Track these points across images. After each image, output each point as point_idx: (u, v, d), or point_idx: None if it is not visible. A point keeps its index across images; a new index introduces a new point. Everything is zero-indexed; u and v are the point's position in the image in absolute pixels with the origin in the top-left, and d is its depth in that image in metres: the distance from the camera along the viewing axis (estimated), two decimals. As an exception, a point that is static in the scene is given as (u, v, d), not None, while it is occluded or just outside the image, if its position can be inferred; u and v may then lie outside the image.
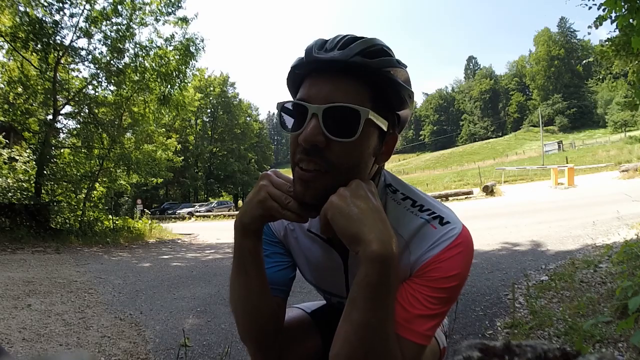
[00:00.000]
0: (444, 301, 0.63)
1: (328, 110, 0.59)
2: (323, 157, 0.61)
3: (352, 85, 0.61)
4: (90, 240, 7.76)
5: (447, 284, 0.62)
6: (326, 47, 0.62)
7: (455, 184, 21.94)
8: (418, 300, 0.62)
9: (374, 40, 0.62)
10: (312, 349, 0.88)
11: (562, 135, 68.31)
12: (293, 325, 0.87)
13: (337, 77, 0.61)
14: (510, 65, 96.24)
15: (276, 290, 0.77)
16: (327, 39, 0.64)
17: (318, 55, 0.61)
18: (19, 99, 8.77)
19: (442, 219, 0.67)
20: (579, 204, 7.84)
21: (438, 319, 0.64)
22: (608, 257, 2.93)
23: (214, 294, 3.27)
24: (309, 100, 0.61)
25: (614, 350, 1.46)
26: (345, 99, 0.60)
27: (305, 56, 0.63)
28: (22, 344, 2.08)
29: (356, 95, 0.61)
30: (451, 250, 0.64)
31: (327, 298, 0.90)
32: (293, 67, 0.65)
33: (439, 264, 0.63)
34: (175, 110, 10.22)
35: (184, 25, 9.43)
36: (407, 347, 0.61)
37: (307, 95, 0.62)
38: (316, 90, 0.61)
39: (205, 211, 25.68)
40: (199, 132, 45.24)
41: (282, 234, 0.83)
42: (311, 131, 0.59)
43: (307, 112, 0.60)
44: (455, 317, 2.08)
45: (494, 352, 0.27)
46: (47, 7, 8.19)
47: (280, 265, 0.81)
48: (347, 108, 0.59)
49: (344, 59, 0.59)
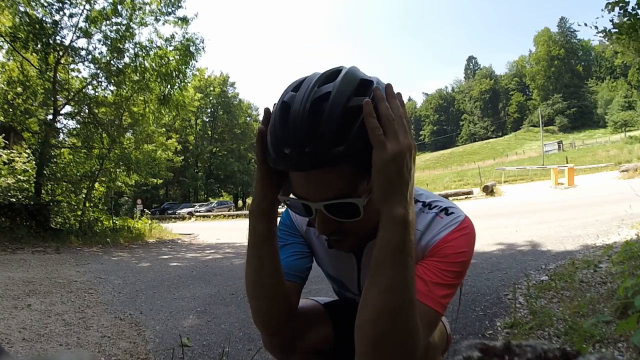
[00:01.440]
0: (455, 274, 0.70)
1: (328, 206, 0.64)
2: (341, 232, 0.69)
3: (338, 173, 0.61)
4: (90, 240, 7.76)
5: (458, 259, 0.70)
6: (292, 141, 0.60)
7: (455, 184, 21.95)
8: (434, 273, 0.69)
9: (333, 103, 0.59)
10: (324, 338, 0.92)
11: (562, 135, 68.32)
12: (306, 313, 0.91)
13: (320, 172, 0.61)
14: (510, 65, 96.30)
15: (292, 276, 0.82)
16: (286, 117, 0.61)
17: (292, 160, 0.60)
18: (19, 99, 8.78)
19: (448, 210, 0.76)
20: (579, 204, 7.84)
21: (452, 290, 0.70)
22: (608, 257, 2.92)
23: (214, 294, 3.27)
24: (307, 198, 0.65)
25: (614, 350, 1.46)
26: (339, 190, 0.63)
27: (276, 156, 0.63)
28: (22, 344, 2.08)
29: (343, 181, 0.62)
30: (458, 232, 0.72)
31: (342, 293, 0.94)
32: (272, 164, 0.66)
33: (449, 243, 0.71)
34: (175, 110, 10.21)
35: (184, 25, 9.43)
36: (425, 312, 0.65)
37: (302, 193, 0.66)
38: (308, 187, 0.64)
39: (205, 211, 25.68)
40: (199, 132, 45.23)
41: (304, 228, 0.88)
42: (322, 226, 0.67)
43: (311, 208, 0.66)
44: (456, 317, 2.08)
45: (494, 352, 0.27)
46: (47, 7, 8.19)
47: (298, 254, 0.86)
48: (343, 204, 0.64)
49: (321, 159, 0.59)
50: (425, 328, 0.66)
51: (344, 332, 0.95)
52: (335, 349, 0.92)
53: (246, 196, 49.70)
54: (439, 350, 0.84)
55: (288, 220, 0.89)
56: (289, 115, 0.61)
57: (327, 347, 0.93)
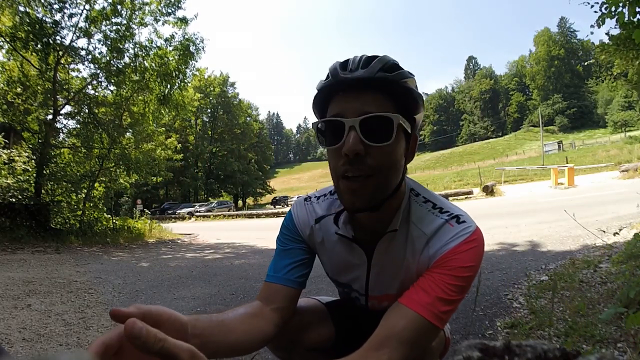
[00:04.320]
0: (459, 289, 0.70)
1: (363, 121, 0.66)
2: (366, 163, 0.68)
3: (378, 97, 0.68)
4: (90, 240, 7.76)
5: (464, 274, 0.70)
6: (350, 67, 0.68)
7: (455, 184, 21.94)
8: (438, 286, 0.69)
9: (387, 57, 0.70)
10: (326, 336, 0.93)
11: (562, 135, 68.28)
12: (308, 312, 0.93)
13: (364, 92, 0.68)
14: (510, 65, 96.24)
15: (291, 282, 0.82)
16: (346, 61, 0.71)
17: (345, 76, 0.68)
18: (19, 99, 8.77)
19: (459, 219, 0.75)
20: (579, 204, 7.84)
21: (453, 305, 0.70)
22: (608, 257, 2.93)
23: (214, 294, 3.27)
24: (344, 115, 0.68)
25: (614, 350, 1.46)
26: (376, 110, 0.68)
27: (332, 77, 0.69)
28: (22, 344, 2.08)
29: (384, 105, 0.68)
30: (467, 244, 0.71)
31: (346, 292, 0.94)
32: (320, 89, 0.72)
33: (457, 255, 0.70)
34: (175, 110, 10.21)
35: (184, 26, 9.42)
36: (426, 328, 0.67)
37: (341, 111, 0.69)
38: (348, 106, 0.68)
39: (205, 211, 25.69)
40: (199, 132, 45.25)
41: (307, 232, 0.87)
42: (353, 142, 0.66)
43: (344, 126, 0.67)
44: (461, 316, 2.08)
45: (494, 352, 0.27)
46: (47, 7, 8.18)
47: (298, 261, 0.86)
48: (381, 116, 0.67)
49: (368, 76, 0.67)
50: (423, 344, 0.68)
51: (345, 330, 0.95)
52: (336, 348, 0.92)
53: (246, 196, 49.72)
54: (436, 353, 0.84)
55: (291, 225, 0.89)
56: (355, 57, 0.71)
57: (328, 346, 0.93)
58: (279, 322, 0.78)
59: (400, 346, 0.64)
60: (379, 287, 0.83)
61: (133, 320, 0.40)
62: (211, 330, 0.64)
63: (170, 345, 0.41)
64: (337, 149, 0.68)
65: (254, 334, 0.73)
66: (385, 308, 0.72)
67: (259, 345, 0.75)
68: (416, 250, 0.75)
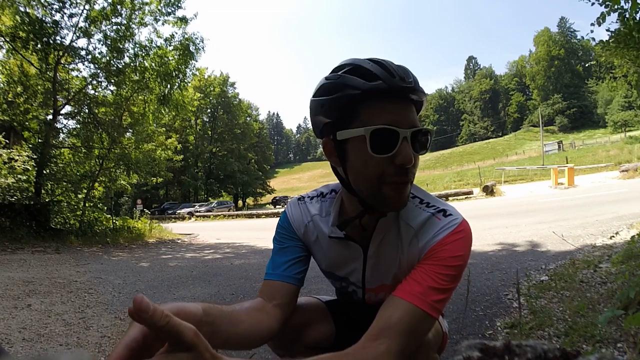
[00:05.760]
0: (451, 278, 0.71)
1: (413, 133, 0.71)
2: (412, 171, 0.73)
3: (413, 108, 0.74)
4: (90, 240, 7.76)
5: (454, 263, 0.72)
6: (399, 75, 0.70)
7: (455, 184, 21.92)
8: (429, 277, 0.70)
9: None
10: (326, 334, 0.95)
11: (562, 135, 68.26)
12: (309, 310, 0.94)
13: (407, 102, 0.72)
14: (510, 65, 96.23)
15: (291, 278, 0.84)
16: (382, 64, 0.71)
17: (401, 85, 0.69)
18: (19, 99, 8.77)
19: (446, 212, 0.77)
20: (579, 203, 7.84)
21: (446, 294, 0.71)
22: (608, 257, 2.93)
23: (213, 294, 3.27)
24: (397, 125, 0.70)
25: (614, 350, 1.46)
26: (418, 122, 0.73)
27: (384, 82, 0.69)
28: (22, 344, 2.08)
29: (417, 116, 0.74)
30: (455, 235, 0.73)
31: (344, 287, 0.94)
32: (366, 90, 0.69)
33: (445, 246, 0.72)
34: (175, 110, 10.21)
35: (184, 25, 9.43)
36: (420, 317, 0.68)
37: (394, 120, 0.70)
38: (400, 116, 0.71)
39: (205, 211, 25.67)
40: (199, 132, 45.24)
41: (302, 231, 0.89)
42: (410, 153, 0.70)
43: (399, 136, 0.69)
44: (461, 316, 2.08)
45: (494, 352, 0.27)
46: (47, 7, 8.19)
47: (296, 258, 0.87)
48: (426, 130, 0.73)
49: (415, 88, 0.71)
50: (419, 333, 0.69)
51: (345, 328, 0.96)
52: (337, 345, 0.93)
53: (246, 196, 49.72)
54: (433, 347, 0.85)
55: (286, 224, 0.90)
56: (386, 63, 0.72)
57: (328, 344, 0.94)
58: (281, 319, 0.80)
59: (397, 336, 0.65)
60: (375, 278, 0.86)
61: (141, 295, 0.41)
62: (221, 320, 0.64)
63: (175, 322, 0.42)
64: (388, 158, 0.70)
65: (261, 328, 0.74)
66: (381, 300, 0.74)
67: (264, 339, 0.76)
68: (405, 244, 0.78)
